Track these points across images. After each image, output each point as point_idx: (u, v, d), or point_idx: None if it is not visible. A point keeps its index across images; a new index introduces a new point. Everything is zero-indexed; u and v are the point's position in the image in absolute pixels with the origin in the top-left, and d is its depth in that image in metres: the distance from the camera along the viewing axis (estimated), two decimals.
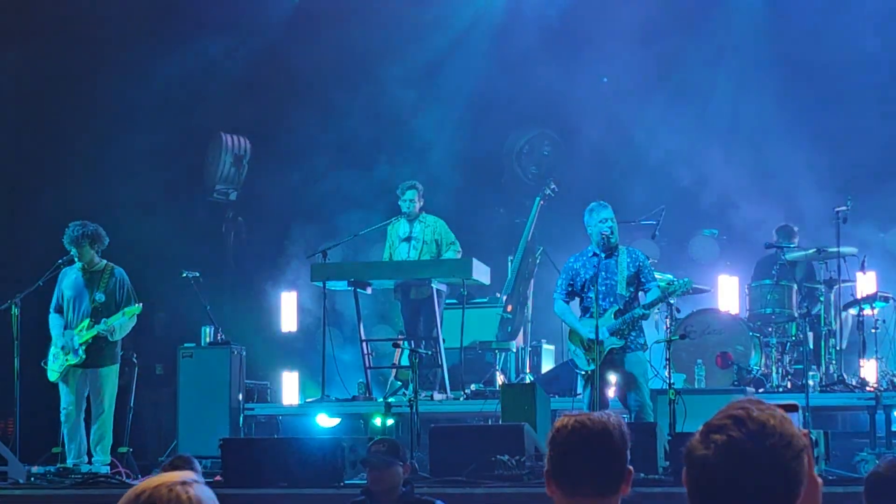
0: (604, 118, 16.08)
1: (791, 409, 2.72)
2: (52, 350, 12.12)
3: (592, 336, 10.71)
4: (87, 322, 11.97)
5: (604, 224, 10.90)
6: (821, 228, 13.92)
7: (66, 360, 11.99)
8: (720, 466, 2.56)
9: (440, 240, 13.91)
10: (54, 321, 12.19)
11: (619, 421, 3.61)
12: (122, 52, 16.24)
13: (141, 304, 12.08)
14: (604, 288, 10.89)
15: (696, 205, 15.48)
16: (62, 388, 12.07)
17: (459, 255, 13.73)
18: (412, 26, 16.70)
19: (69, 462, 11.85)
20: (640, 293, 11.07)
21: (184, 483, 3.00)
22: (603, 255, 10.93)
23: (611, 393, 11.14)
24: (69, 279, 12.19)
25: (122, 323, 12.02)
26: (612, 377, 11.00)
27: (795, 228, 14.00)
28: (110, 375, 12.15)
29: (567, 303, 11.19)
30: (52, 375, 12.09)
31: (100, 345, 12.00)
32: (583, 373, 11.04)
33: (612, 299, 10.91)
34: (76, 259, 12.10)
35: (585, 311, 11.07)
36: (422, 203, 13.99)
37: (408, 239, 13.97)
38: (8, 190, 15.96)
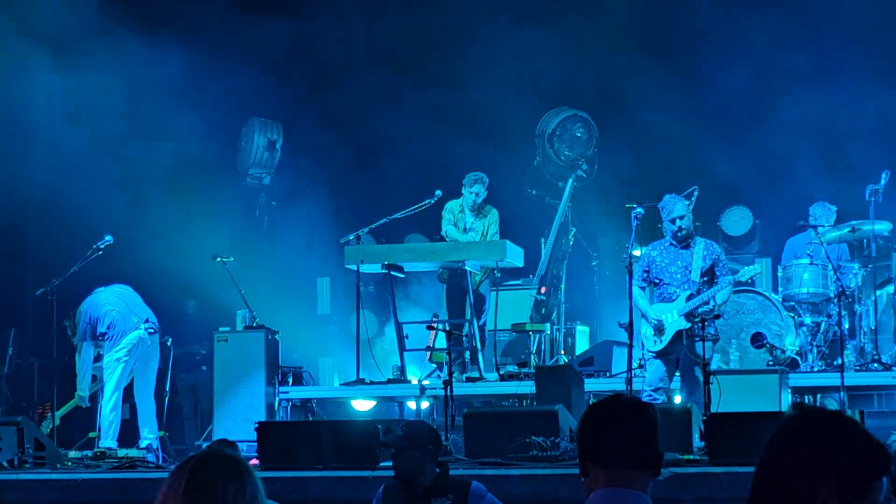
0: (635, 99, 15.99)
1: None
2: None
3: (661, 319, 11.00)
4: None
5: (672, 225, 11.09)
6: (859, 206, 13.71)
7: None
8: None
9: (486, 230, 13.84)
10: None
11: (648, 404, 3.82)
12: (158, 32, 16.30)
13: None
14: (679, 276, 11.14)
15: (730, 184, 15.37)
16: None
17: None
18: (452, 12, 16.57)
19: (104, 446, 11.95)
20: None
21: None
22: (679, 246, 11.08)
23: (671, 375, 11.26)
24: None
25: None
26: (676, 359, 11.11)
27: (833, 208, 13.80)
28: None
29: (643, 289, 11.36)
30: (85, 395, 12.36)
31: None
32: (650, 353, 11.20)
33: (686, 287, 11.10)
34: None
35: (661, 296, 11.26)
36: (485, 196, 13.88)
37: (465, 231, 13.88)
38: (43, 178, 16.04)
